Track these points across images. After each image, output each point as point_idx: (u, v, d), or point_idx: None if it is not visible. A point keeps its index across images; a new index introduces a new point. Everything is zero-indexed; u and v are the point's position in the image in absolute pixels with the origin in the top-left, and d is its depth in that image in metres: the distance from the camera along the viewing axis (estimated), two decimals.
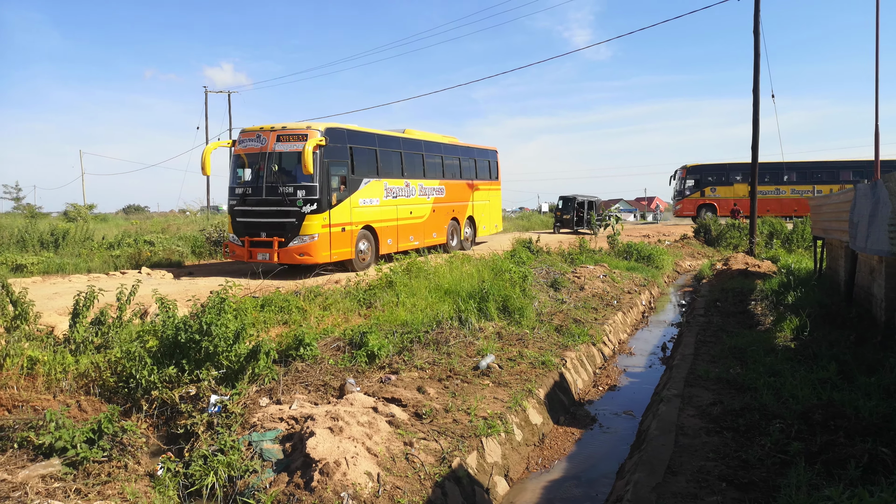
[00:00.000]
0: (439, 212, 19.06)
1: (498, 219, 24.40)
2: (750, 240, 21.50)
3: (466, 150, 21.77)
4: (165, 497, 4.49)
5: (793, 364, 7.02)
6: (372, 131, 16.29)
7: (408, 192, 17.31)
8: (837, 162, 35.79)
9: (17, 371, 5.91)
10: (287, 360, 6.92)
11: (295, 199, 13.57)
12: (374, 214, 15.66)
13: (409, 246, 17.05)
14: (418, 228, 17.88)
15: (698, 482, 4.41)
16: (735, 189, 36.10)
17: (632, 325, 12.56)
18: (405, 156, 17.50)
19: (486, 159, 23.17)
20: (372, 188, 15.60)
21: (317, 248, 13.59)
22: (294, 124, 14.03)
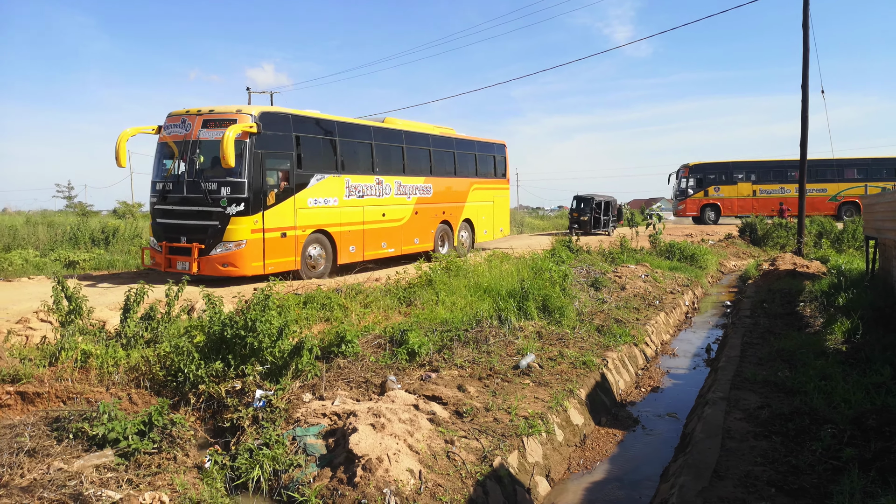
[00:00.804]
0: (424, 214, 16.71)
1: (504, 222, 21.51)
2: (798, 239, 20.91)
3: (464, 143, 19.22)
4: (213, 489, 4.59)
5: (844, 368, 6.81)
6: (329, 118, 13.97)
7: (380, 190, 15.04)
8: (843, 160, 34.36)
9: (72, 364, 6.13)
10: (329, 356, 7.00)
11: (219, 198, 11.45)
12: (331, 217, 13.46)
13: (380, 254, 15.11)
14: (394, 233, 15.58)
15: (746, 487, 4.31)
16: (739, 188, 35.35)
17: (675, 325, 12.34)
18: (378, 148, 15.20)
19: (489, 154, 20.43)
20: (328, 186, 13.42)
21: (244, 257, 11.46)
22: (223, 107, 11.95)
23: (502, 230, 21.31)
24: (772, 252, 23.55)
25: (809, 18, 19.20)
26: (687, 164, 36.05)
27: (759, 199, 34.71)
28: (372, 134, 15.16)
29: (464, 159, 18.97)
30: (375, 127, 15.51)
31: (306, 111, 13.40)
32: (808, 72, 19.32)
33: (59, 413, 5.25)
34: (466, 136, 19.49)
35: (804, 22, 19.24)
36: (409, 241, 16.22)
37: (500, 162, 20.93)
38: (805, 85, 19.38)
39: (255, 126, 11.53)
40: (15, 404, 5.53)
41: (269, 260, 11.89)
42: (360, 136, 14.85)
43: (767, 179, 34.98)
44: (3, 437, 4.72)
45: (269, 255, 11.88)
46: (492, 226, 20.37)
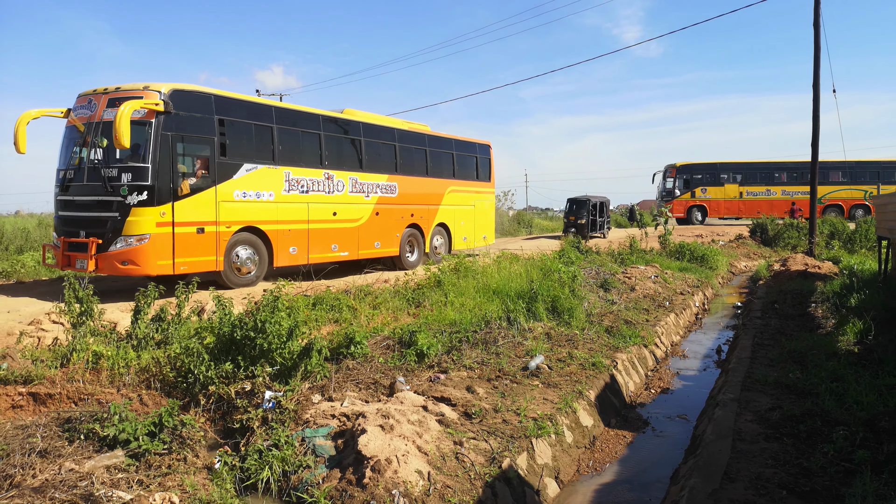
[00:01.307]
0: (387, 215, 15.19)
1: (488, 228, 19.73)
2: (809, 240, 20.78)
3: (439, 140, 17.63)
4: (223, 490, 4.60)
5: (856, 369, 6.76)
6: (264, 102, 12.83)
7: (330, 186, 13.56)
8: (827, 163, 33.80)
9: (83, 365, 6.18)
10: (338, 357, 7.02)
11: (119, 186, 10.10)
12: (266, 213, 12.06)
13: (330, 257, 13.52)
14: (348, 235, 14.05)
15: (757, 489, 4.28)
16: (726, 189, 35.22)
17: (685, 326, 12.28)
18: (329, 140, 13.72)
19: (471, 155, 18.90)
20: (261, 177, 12.00)
21: (146, 254, 10.02)
22: (130, 84, 10.59)
23: (485, 237, 19.43)
24: (783, 253, 23.41)
25: (821, 17, 19.09)
26: (674, 165, 35.76)
27: (746, 201, 34.88)
28: (321, 124, 13.56)
29: (438, 158, 17.39)
30: (325, 116, 13.90)
31: (235, 93, 12.02)
32: (819, 71, 19.20)
33: (70, 414, 5.29)
34: (443, 133, 18.06)
35: (815, 21, 19.13)
36: (368, 245, 14.67)
37: (483, 163, 19.40)
38: (816, 84, 19.26)
39: (161, 104, 10.14)
40: (27, 405, 5.58)
41: (181, 258, 10.44)
42: (305, 126, 13.29)
43: (754, 181, 35.10)
44: (15, 438, 4.76)
45: (180, 252, 10.43)
46: (472, 232, 18.70)
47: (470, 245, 18.53)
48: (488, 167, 19.63)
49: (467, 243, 18.38)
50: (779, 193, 34.57)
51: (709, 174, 35.36)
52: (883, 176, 34.27)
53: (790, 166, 34.79)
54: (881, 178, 34.19)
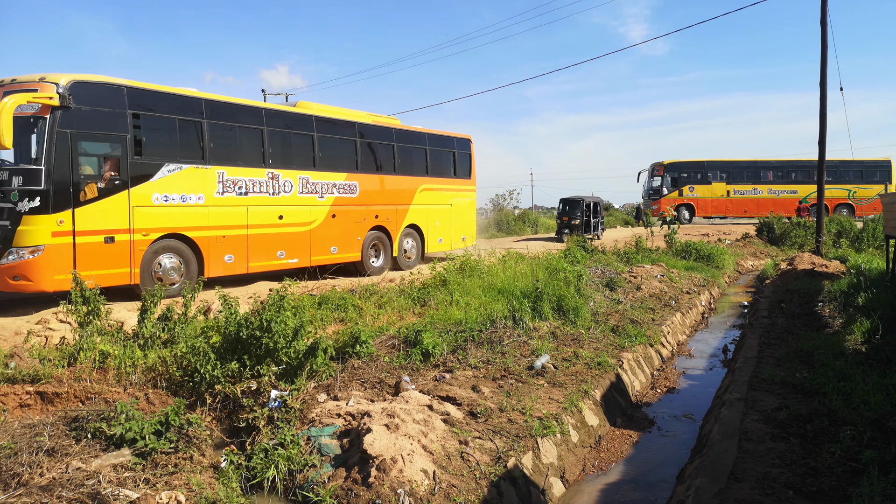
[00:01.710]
0: (346, 218, 13.84)
1: (468, 229, 18.26)
2: (816, 238, 20.68)
3: (409, 135, 16.22)
4: (229, 489, 4.62)
5: (864, 369, 6.72)
6: (193, 94, 11.17)
7: (275, 187, 12.29)
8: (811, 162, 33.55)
9: (90, 364, 6.21)
10: (344, 357, 7.03)
11: (9, 191, 8.89)
12: (193, 218, 10.75)
13: (276, 265, 12.30)
14: (298, 240, 12.76)
15: (763, 489, 4.27)
16: (713, 188, 34.71)
17: (691, 326, 12.25)
18: (273, 136, 12.40)
19: (446, 150, 17.50)
20: (186, 179, 10.69)
21: (40, 268, 8.75)
22: (27, 76, 9.35)
23: (465, 238, 17.88)
24: (790, 251, 23.33)
25: (828, 15, 18.99)
26: (661, 163, 35.15)
27: (733, 200, 34.60)
28: (263, 118, 12.21)
29: (408, 155, 16.05)
30: (269, 110, 12.70)
31: (155, 84, 10.71)
32: (826, 69, 19.11)
33: (77, 413, 5.31)
34: (415, 127, 16.63)
35: (822, 19, 19.03)
36: (323, 250, 13.39)
37: (462, 160, 17.98)
38: (823, 83, 19.17)
39: (58, 98, 8.90)
40: (35, 404, 5.61)
41: (87, 272, 8.79)
42: (243, 120, 12.01)
43: (741, 180, 34.76)
44: (23, 437, 4.79)
45: (83, 265, 9.06)
46: (449, 233, 17.29)
47: (446, 247, 17.18)
48: (468, 163, 18.23)
49: (443, 245, 17.12)
50: (765, 192, 34.47)
51: (696, 173, 34.96)
52: (865, 175, 34.44)
53: (776, 165, 34.79)
54: (863, 178, 34.40)
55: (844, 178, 34.15)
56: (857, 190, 34.32)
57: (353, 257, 14.16)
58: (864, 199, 34.21)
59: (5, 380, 5.77)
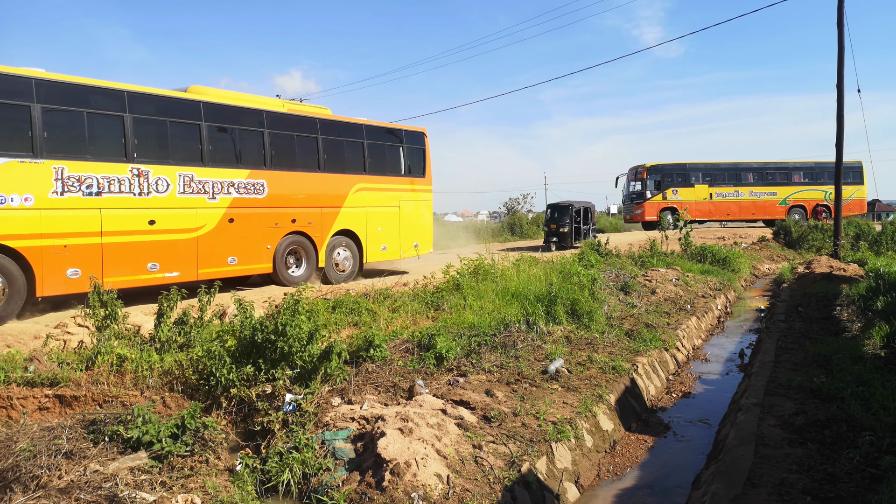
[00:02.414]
0: (248, 222, 12.07)
1: (422, 235, 16.23)
2: (835, 242, 20.44)
3: (341, 127, 14.35)
4: (244, 492, 4.65)
5: (883, 373, 6.63)
6: (18, 73, 9.28)
7: (143, 186, 10.45)
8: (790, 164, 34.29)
9: (108, 368, 6.28)
10: (357, 360, 7.05)
11: None
12: (18, 224, 9.10)
13: (145, 279, 10.58)
14: (179, 249, 10.98)
15: (780, 495, 4.22)
16: (696, 191, 33.82)
17: (707, 330, 12.15)
18: (139, 125, 10.56)
19: (392, 145, 15.61)
20: (7, 176, 9.04)
21: None
22: None
23: (417, 246, 15.94)
24: (807, 255, 23.08)
25: (844, 16, 18.81)
26: (644, 166, 34.17)
27: (716, 203, 33.93)
28: (125, 103, 10.28)
29: (338, 149, 14.13)
30: (132, 93, 10.50)
31: None
32: (843, 71, 18.90)
33: (95, 416, 5.37)
34: (349, 118, 14.80)
35: (839, 20, 18.84)
36: (216, 261, 11.53)
37: (413, 156, 15.99)
38: (840, 84, 18.96)
39: None
40: (53, 407, 5.68)
41: None
42: (94, 105, 10.12)
43: (723, 182, 34.17)
44: (42, 439, 4.84)
45: None
46: (396, 240, 15.33)
47: (392, 255, 15.45)
48: (422, 160, 16.24)
49: (389, 253, 15.31)
50: (746, 194, 33.98)
51: (679, 175, 34.10)
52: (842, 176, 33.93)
53: (756, 167, 34.39)
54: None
55: (820, 179, 33.98)
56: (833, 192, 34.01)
57: (261, 268, 12.38)
58: None
59: (25, 383, 5.84)
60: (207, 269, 11.40)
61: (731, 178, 33.97)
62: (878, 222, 34.15)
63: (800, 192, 33.89)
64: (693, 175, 33.83)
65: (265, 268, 12.46)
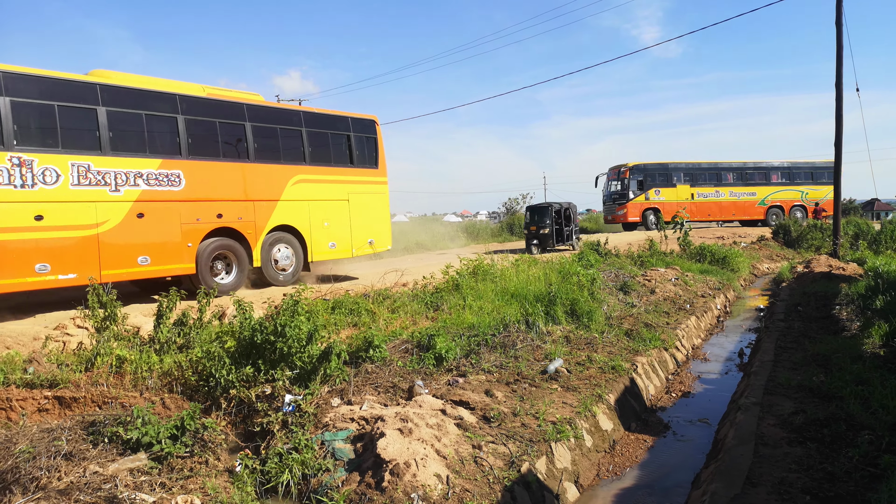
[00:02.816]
0: (162, 217, 11.04)
1: (377, 230, 14.98)
2: (834, 241, 20.45)
3: (275, 113, 13.30)
4: (244, 493, 4.65)
5: (882, 372, 6.64)
6: None
7: (25, 177, 9.45)
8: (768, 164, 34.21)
9: (107, 369, 6.28)
10: (357, 361, 7.05)
11: None
12: None
13: (32, 283, 9.51)
14: (75, 248, 9.94)
15: (780, 494, 4.23)
16: (678, 191, 33.09)
17: (706, 329, 12.16)
18: (18, 108, 9.52)
19: (338, 133, 14.40)
20: None
21: None
22: None
23: (373, 242, 14.74)
24: (806, 254, 23.10)
25: (843, 15, 18.81)
26: (626, 165, 33.13)
27: (697, 203, 33.29)
28: (1, 85, 9.37)
29: (271, 137, 12.95)
30: (10, 74, 9.49)
31: None
32: (842, 70, 18.91)
33: (94, 417, 5.37)
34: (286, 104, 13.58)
35: (837, 19, 18.85)
36: (123, 261, 10.51)
37: (363, 145, 14.75)
38: (839, 83, 18.96)
39: None
40: (53, 409, 5.68)
41: None
42: None
43: (704, 182, 33.70)
44: (41, 441, 4.85)
45: None
46: (346, 236, 14.14)
47: (343, 253, 14.18)
48: (374, 150, 14.98)
49: (339, 251, 14.06)
50: (727, 195, 33.67)
51: (661, 175, 33.23)
52: (815, 177, 34.21)
53: (736, 167, 34.11)
54: (814, 179, 34.18)
55: (797, 179, 34.09)
56: (809, 192, 34.13)
57: (180, 269, 11.23)
58: (814, 200, 33.91)
59: (24, 384, 5.85)
60: (113, 270, 10.35)
61: (711, 178, 33.67)
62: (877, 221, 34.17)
63: (777, 192, 33.99)
64: (675, 175, 33.31)
65: (186, 268, 11.37)
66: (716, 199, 33.50)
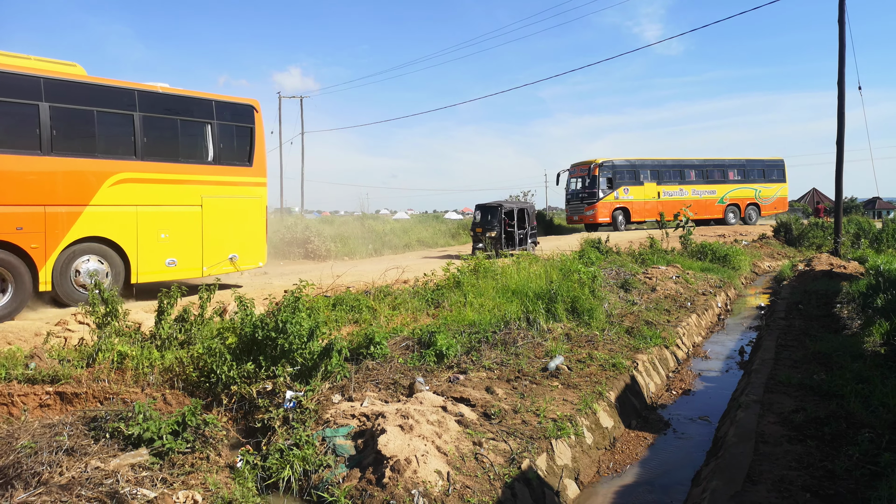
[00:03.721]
0: None
1: (247, 243, 11.76)
2: (835, 239, 20.45)
3: (105, 92, 10.09)
4: (245, 489, 4.66)
5: (883, 371, 6.64)
6: None
7: None
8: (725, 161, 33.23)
9: (109, 365, 6.28)
10: (358, 358, 7.06)
11: None
12: None
13: None
14: None
15: (780, 492, 4.23)
16: (645, 189, 31.19)
17: (707, 327, 12.16)
18: None
19: (192, 120, 11.24)
20: None
21: None
22: None
23: (235, 258, 11.52)
24: (807, 252, 23.10)
25: (846, 13, 18.78)
26: (595, 161, 30.54)
27: (663, 202, 31.24)
28: None
29: (84, 122, 9.92)
30: None
31: None
32: (844, 68, 18.88)
33: (96, 413, 5.39)
34: (114, 81, 10.22)
35: (840, 17, 18.81)
36: None
37: (232, 137, 11.68)
38: (841, 82, 18.93)
39: None
40: (54, 404, 5.69)
41: None
42: None
43: (669, 180, 32.07)
44: (43, 436, 4.86)
45: None
46: (195, 251, 11.04)
47: (188, 271, 11.03)
48: (247, 143, 11.86)
49: (181, 269, 10.89)
50: (690, 193, 32.09)
51: (629, 173, 31.17)
52: (766, 174, 33.53)
53: (697, 164, 32.80)
54: (765, 177, 33.45)
55: (751, 177, 33.30)
56: (762, 189, 33.33)
57: None
58: (766, 199, 33.23)
59: (26, 380, 5.85)
60: None
61: (675, 176, 32.21)
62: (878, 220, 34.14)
63: (734, 190, 32.98)
64: (642, 173, 31.42)
65: None
66: (681, 197, 31.91)
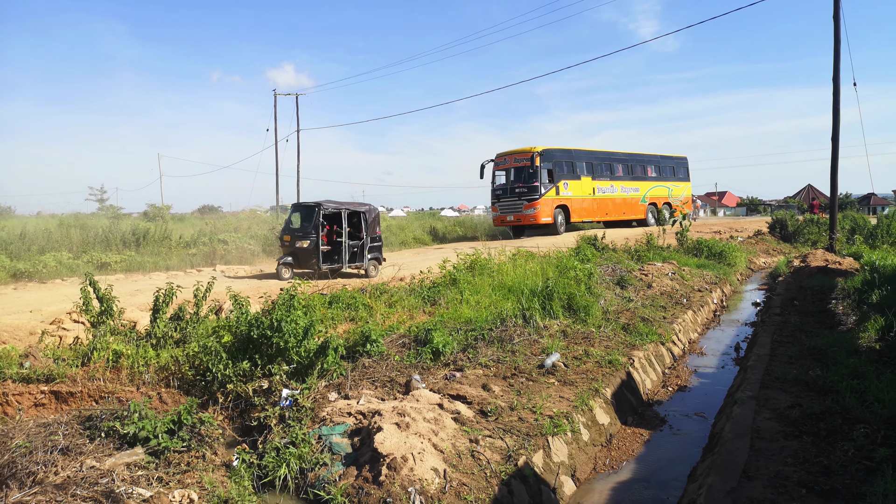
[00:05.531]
0: None
1: None
2: (830, 235, 20.51)
3: None
4: (241, 487, 4.65)
5: (878, 366, 6.66)
6: None
7: None
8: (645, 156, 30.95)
9: (104, 364, 6.26)
10: (354, 355, 7.05)
11: None
12: None
13: None
14: None
15: (776, 487, 4.24)
16: (583, 185, 27.06)
17: (702, 324, 12.18)
18: None
19: None
20: None
21: None
22: None
23: None
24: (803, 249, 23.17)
25: (841, 9, 18.80)
26: (535, 150, 25.43)
27: (598, 200, 27.84)
28: None
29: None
30: None
31: None
32: (839, 64, 18.92)
33: (91, 412, 5.36)
34: None
35: (835, 13, 18.85)
36: None
37: None
38: (836, 78, 18.98)
39: None
40: (49, 403, 5.67)
41: None
42: None
43: (601, 174, 28.38)
44: (38, 436, 4.84)
45: None
46: None
47: None
48: None
49: None
50: (619, 190, 28.86)
51: (568, 165, 26.70)
52: (676, 172, 32.16)
53: (623, 158, 29.88)
54: (675, 175, 31.98)
55: (664, 174, 31.47)
56: (674, 188, 31.59)
57: None
58: (676, 198, 31.28)
59: (20, 379, 5.83)
60: None
61: (606, 170, 28.69)
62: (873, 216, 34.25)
63: (653, 188, 30.60)
64: (579, 165, 27.33)
65: None
66: (611, 194, 28.47)
